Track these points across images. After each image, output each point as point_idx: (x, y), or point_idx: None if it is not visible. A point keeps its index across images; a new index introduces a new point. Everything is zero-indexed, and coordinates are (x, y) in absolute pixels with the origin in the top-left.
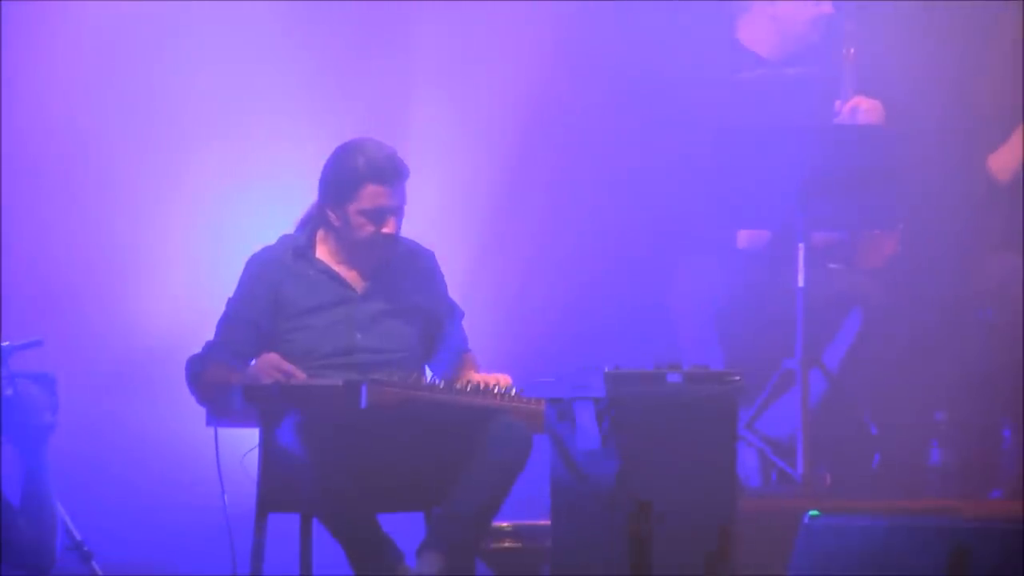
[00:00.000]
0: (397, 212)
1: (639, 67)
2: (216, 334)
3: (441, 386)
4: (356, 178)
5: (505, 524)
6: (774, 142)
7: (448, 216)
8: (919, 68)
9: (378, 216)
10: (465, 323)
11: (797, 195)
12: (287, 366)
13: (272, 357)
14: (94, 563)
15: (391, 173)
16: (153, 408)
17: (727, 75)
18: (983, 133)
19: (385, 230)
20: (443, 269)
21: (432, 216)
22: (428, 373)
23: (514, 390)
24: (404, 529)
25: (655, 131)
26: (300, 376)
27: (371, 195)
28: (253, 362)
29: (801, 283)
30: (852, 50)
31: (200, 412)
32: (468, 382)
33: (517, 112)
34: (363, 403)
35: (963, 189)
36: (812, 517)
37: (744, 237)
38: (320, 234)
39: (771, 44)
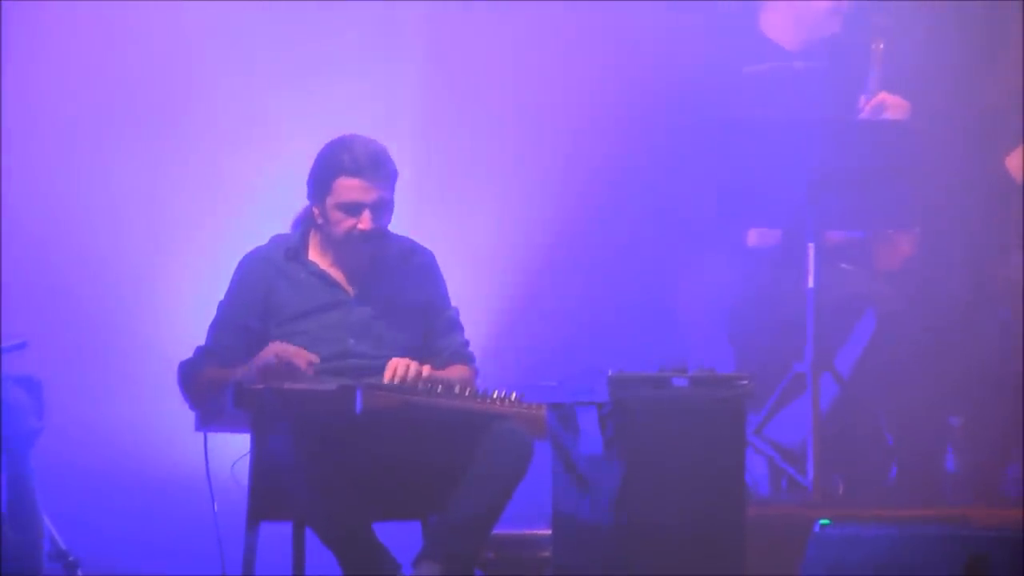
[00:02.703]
0: (375, 207)
1: (652, 63)
2: (207, 339)
3: (439, 390)
4: (333, 171)
5: (505, 533)
6: (785, 136)
7: (449, 216)
8: (940, 65)
9: (353, 210)
10: (468, 328)
11: (808, 192)
12: (297, 350)
13: (279, 345)
14: (80, 573)
15: (368, 166)
16: (140, 413)
17: (740, 68)
18: (1001, 132)
19: (361, 225)
20: (444, 270)
21: (433, 216)
22: None
23: (514, 394)
24: (400, 538)
25: (664, 127)
26: (311, 357)
27: (345, 188)
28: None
29: (811, 284)
30: (881, 45)
31: (189, 417)
32: (465, 386)
33: (521, 110)
34: (358, 408)
35: (980, 189)
36: (823, 526)
37: (755, 235)
38: (312, 234)
39: (792, 35)
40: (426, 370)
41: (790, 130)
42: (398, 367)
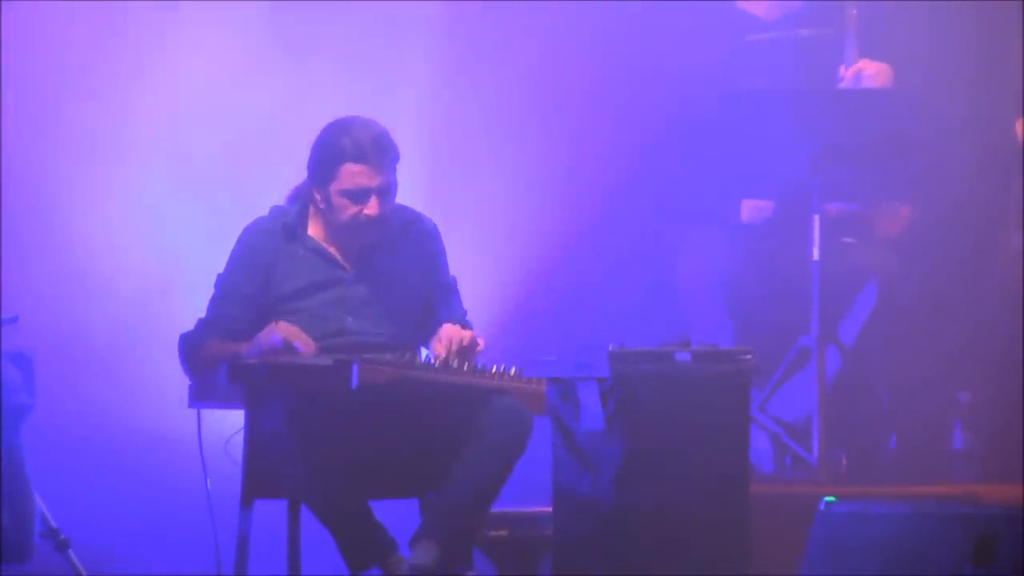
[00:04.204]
0: (381, 193)
1: (641, 36)
2: (208, 311)
3: (437, 365)
4: (336, 157)
5: (504, 511)
6: (785, 107)
7: (449, 194)
8: (933, 28)
9: (359, 196)
10: (467, 303)
11: (810, 164)
12: (299, 332)
13: (282, 325)
14: (71, 551)
15: (373, 152)
16: (132, 389)
17: (732, 39)
18: (1004, 97)
19: (367, 211)
20: (445, 245)
21: (434, 195)
22: (423, 352)
23: (513, 369)
24: (397, 517)
25: (663, 101)
26: (312, 345)
27: (351, 174)
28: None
29: (816, 256)
30: (855, 11)
31: (182, 393)
32: (465, 362)
33: (518, 87)
34: (354, 383)
35: (984, 155)
36: (828, 503)
37: (747, 210)
38: (312, 210)
39: (767, 4)
40: (480, 343)
41: (792, 100)
42: (453, 339)
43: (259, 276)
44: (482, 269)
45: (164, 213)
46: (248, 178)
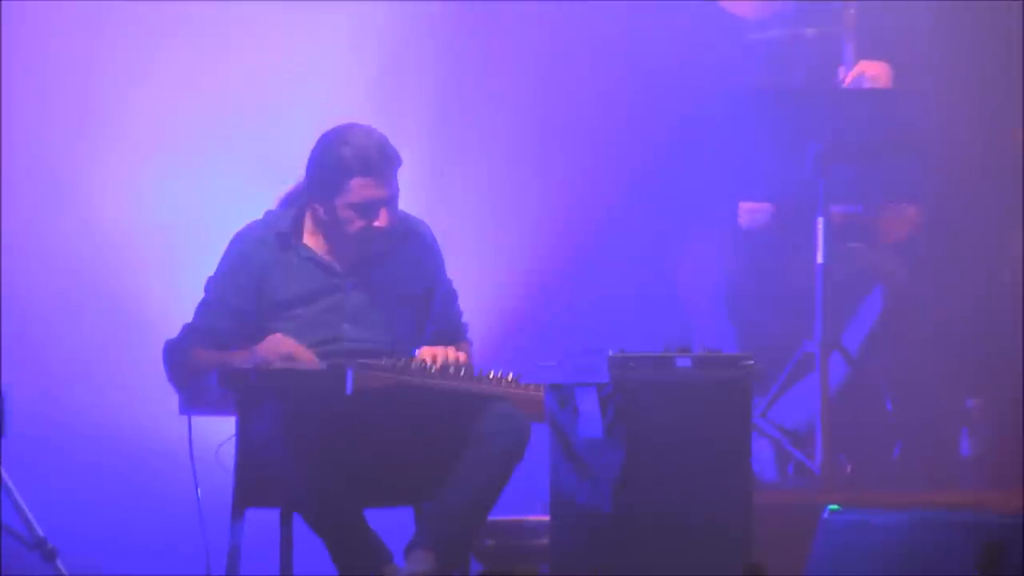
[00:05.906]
0: (389, 203)
1: (640, 37)
2: (196, 317)
3: (433, 370)
4: (343, 171)
5: (501, 519)
6: (787, 106)
7: (449, 196)
8: (934, 28)
9: (368, 210)
10: (465, 307)
11: (815, 165)
12: (300, 348)
13: (280, 338)
14: (59, 562)
15: (380, 163)
16: (123, 396)
17: (730, 39)
18: (1005, 99)
19: (377, 224)
20: (443, 250)
21: (433, 195)
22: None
23: (511, 375)
24: (392, 525)
25: (662, 101)
26: (313, 359)
27: (359, 188)
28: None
29: (821, 260)
30: (852, 11)
31: (172, 399)
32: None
33: (516, 89)
34: (348, 388)
35: (990, 156)
36: (832, 512)
37: (746, 215)
38: (308, 217)
39: (753, 4)
40: (463, 356)
41: (795, 99)
42: (437, 357)
43: (250, 287)
44: (481, 273)
45: (159, 216)
46: (246, 179)
